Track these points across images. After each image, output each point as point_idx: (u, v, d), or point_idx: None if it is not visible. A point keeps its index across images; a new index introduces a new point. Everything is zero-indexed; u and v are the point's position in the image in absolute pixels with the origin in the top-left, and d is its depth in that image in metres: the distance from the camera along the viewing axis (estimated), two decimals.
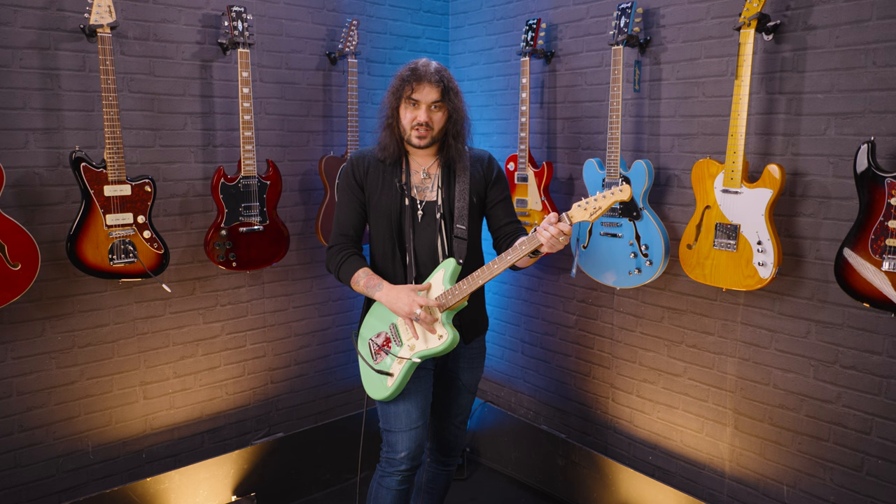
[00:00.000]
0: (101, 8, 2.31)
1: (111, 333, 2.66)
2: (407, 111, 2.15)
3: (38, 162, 2.43)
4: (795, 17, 2.24)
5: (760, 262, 2.25)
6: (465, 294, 2.06)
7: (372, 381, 2.22)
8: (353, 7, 3.17)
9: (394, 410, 2.22)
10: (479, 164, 2.29)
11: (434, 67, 2.14)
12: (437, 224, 2.21)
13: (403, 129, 2.17)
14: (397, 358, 2.15)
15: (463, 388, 2.37)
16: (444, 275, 2.12)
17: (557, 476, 3.10)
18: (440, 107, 2.14)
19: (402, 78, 2.15)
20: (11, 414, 2.48)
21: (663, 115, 2.64)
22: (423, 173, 2.24)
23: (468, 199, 2.22)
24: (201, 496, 2.82)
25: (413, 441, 2.21)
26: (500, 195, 2.31)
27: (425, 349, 2.11)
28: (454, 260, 2.14)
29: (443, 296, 2.09)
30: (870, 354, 2.19)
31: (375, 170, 2.23)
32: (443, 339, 2.09)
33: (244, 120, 2.65)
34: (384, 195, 2.21)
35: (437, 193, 2.23)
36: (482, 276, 2.04)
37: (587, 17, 2.88)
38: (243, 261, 2.78)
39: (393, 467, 2.23)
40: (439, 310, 2.09)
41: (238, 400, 3.04)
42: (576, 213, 1.96)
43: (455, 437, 2.46)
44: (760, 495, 2.51)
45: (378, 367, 2.19)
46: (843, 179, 2.19)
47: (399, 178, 2.22)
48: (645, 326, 2.82)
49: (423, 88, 2.11)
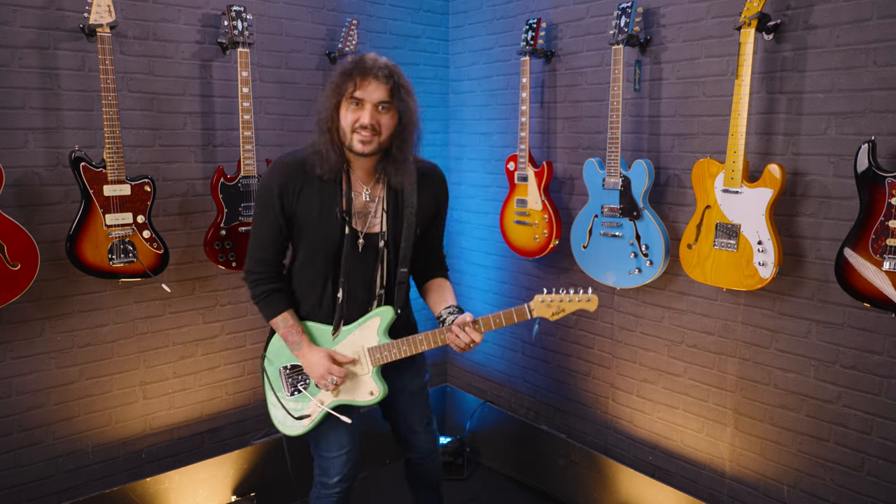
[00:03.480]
0: (101, 7, 2.31)
1: (111, 333, 2.65)
2: (348, 112, 1.83)
3: (38, 162, 2.43)
4: (796, 16, 2.23)
5: (761, 261, 2.25)
6: (402, 356, 1.95)
7: (282, 415, 2.08)
8: (353, 7, 3.17)
9: (323, 436, 2.08)
10: (432, 184, 2.02)
11: (383, 62, 1.84)
12: (378, 258, 1.97)
13: (343, 132, 1.85)
14: (315, 399, 2.02)
15: (414, 396, 2.21)
16: (379, 325, 1.98)
17: (557, 476, 3.10)
18: (388, 108, 1.84)
19: (343, 72, 1.83)
20: (11, 414, 2.47)
21: (663, 115, 2.64)
22: (365, 195, 1.95)
23: (413, 233, 1.96)
24: (201, 496, 2.81)
25: (345, 465, 2.09)
26: (441, 222, 2.11)
27: (351, 400, 2.01)
28: (391, 310, 1.98)
29: (377, 349, 1.97)
30: (870, 354, 2.19)
31: (309, 189, 1.90)
32: (374, 395, 2.00)
33: (244, 120, 2.65)
34: (321, 225, 1.91)
35: (380, 221, 1.96)
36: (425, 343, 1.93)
37: (587, 16, 2.88)
38: (243, 261, 2.77)
39: (327, 489, 2.12)
40: (371, 363, 1.98)
41: (238, 400, 3.03)
42: (537, 308, 1.85)
43: (428, 441, 2.31)
44: (760, 495, 2.51)
45: (294, 412, 2.04)
46: (843, 179, 2.18)
47: (339, 205, 1.92)
48: (645, 326, 2.81)
49: (368, 85, 1.80)
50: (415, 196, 1.96)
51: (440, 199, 2.06)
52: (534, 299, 1.86)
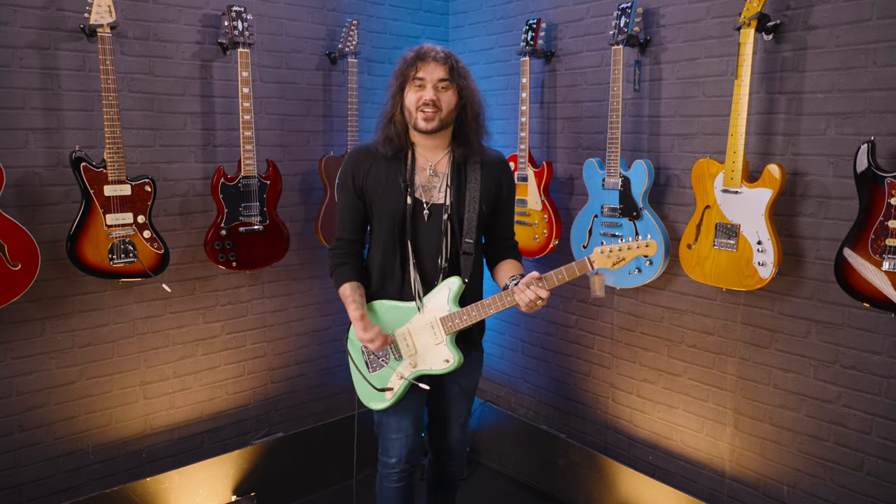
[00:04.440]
0: (101, 8, 2.31)
1: (111, 333, 2.66)
2: (411, 92, 1.99)
3: (38, 162, 2.43)
4: (795, 16, 2.24)
5: (760, 261, 2.25)
6: (472, 322, 2.00)
7: (368, 390, 2.18)
8: (353, 7, 3.17)
9: (386, 419, 2.20)
10: (494, 168, 2.12)
11: (440, 47, 2.01)
12: (442, 229, 2.06)
13: (409, 112, 2.01)
14: (396, 373, 2.10)
15: (462, 393, 2.29)
16: (448, 295, 2.04)
17: (557, 476, 3.10)
18: (448, 86, 1.99)
19: (405, 59, 2.01)
20: (11, 414, 2.48)
21: (663, 115, 2.64)
22: (429, 170, 2.08)
23: (478, 208, 2.05)
24: (201, 496, 2.81)
25: (405, 447, 2.21)
26: (507, 207, 2.19)
27: (428, 369, 2.06)
28: (459, 279, 2.04)
29: (448, 318, 2.02)
30: (870, 354, 2.19)
31: (377, 168, 2.07)
32: (449, 362, 2.04)
33: (244, 120, 2.65)
34: (387, 196, 2.05)
35: (444, 195, 2.06)
36: (493, 307, 1.97)
37: (587, 16, 2.88)
38: (243, 261, 2.78)
39: (388, 469, 2.25)
40: (444, 332, 2.03)
41: (238, 400, 3.03)
42: (598, 259, 1.87)
43: (458, 440, 2.38)
44: (760, 495, 2.51)
45: (377, 384, 2.13)
46: (843, 179, 2.19)
47: (403, 176, 2.05)
48: (645, 326, 2.81)
49: (427, 66, 1.96)
50: (479, 174, 2.07)
51: (502, 182, 2.15)
52: (593, 252, 1.88)
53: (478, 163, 2.08)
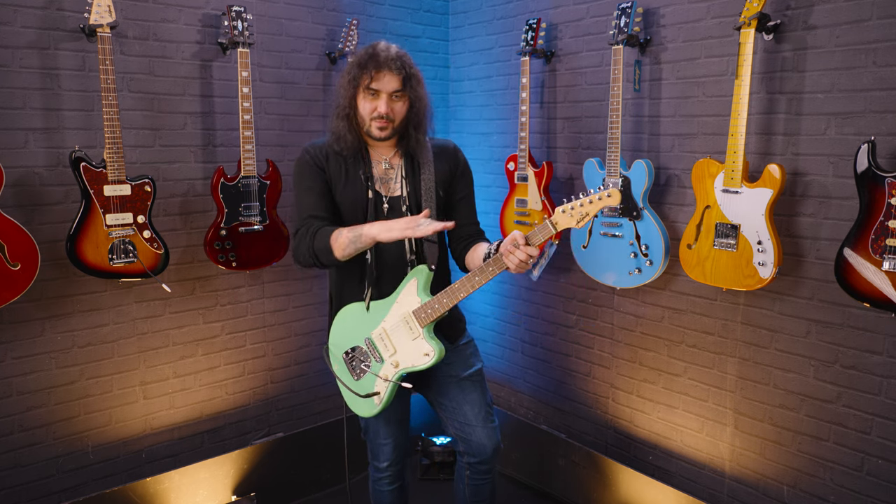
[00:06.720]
0: (101, 8, 2.31)
1: (111, 333, 2.66)
2: (366, 101, 1.99)
3: (38, 162, 2.43)
4: (795, 16, 2.24)
5: (760, 261, 2.25)
6: (446, 309, 1.94)
7: (357, 400, 2.11)
8: (353, 7, 3.17)
9: (374, 425, 2.20)
10: (443, 154, 2.14)
11: (395, 53, 1.97)
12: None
13: (362, 119, 2.01)
14: (378, 377, 2.04)
15: (468, 385, 2.17)
16: (417, 284, 1.99)
17: (557, 476, 3.10)
18: (401, 96, 2.00)
19: (359, 65, 1.98)
20: (11, 414, 2.48)
21: (663, 115, 2.64)
22: (384, 163, 2.10)
23: (434, 194, 2.07)
24: (201, 496, 2.81)
25: (392, 451, 2.23)
26: (465, 190, 2.17)
27: (411, 367, 2.00)
28: (426, 267, 2.00)
29: (421, 309, 1.96)
30: (870, 354, 2.19)
31: (336, 161, 2.07)
32: (430, 356, 1.96)
33: (244, 120, 2.65)
34: (348, 187, 2.06)
35: (400, 186, 2.09)
36: (463, 289, 1.89)
37: (587, 16, 2.88)
38: (243, 261, 2.77)
39: (380, 473, 2.27)
40: (420, 325, 1.98)
41: (238, 400, 3.03)
42: (560, 219, 1.77)
43: (485, 437, 2.17)
44: (760, 495, 2.51)
45: (361, 391, 2.07)
46: (843, 179, 2.19)
47: (363, 169, 2.06)
48: (645, 326, 2.81)
49: (382, 77, 1.95)
50: (430, 164, 2.09)
51: (455, 163, 2.16)
52: (555, 212, 1.78)
53: (428, 156, 2.10)
